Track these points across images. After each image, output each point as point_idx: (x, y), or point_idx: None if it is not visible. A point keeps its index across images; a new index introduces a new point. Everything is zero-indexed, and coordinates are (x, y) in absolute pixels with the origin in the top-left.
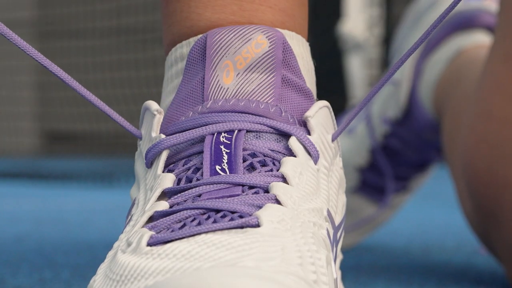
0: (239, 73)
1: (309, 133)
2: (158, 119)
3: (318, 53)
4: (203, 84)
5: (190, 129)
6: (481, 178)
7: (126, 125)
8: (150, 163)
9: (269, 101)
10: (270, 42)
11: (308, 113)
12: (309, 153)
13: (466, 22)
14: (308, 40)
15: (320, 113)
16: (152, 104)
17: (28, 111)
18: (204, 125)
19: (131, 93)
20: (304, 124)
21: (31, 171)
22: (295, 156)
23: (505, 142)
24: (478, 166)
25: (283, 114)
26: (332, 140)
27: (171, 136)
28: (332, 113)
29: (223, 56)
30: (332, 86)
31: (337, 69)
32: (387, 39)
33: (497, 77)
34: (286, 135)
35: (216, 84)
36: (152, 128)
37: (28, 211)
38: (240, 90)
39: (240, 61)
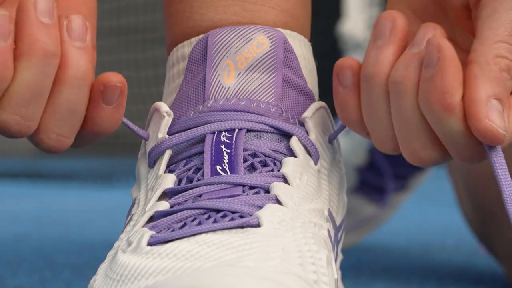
0: (240, 73)
1: (307, 134)
2: (167, 121)
3: (318, 53)
4: (204, 83)
5: (191, 128)
6: (480, 180)
7: (135, 128)
8: (152, 163)
9: (270, 101)
10: (271, 42)
11: (305, 114)
12: (309, 154)
13: None
14: (309, 40)
15: (317, 114)
16: (162, 106)
17: None
18: (205, 124)
19: (131, 93)
20: (303, 124)
21: (31, 171)
22: (296, 157)
23: None
24: (477, 168)
25: (283, 114)
26: (330, 142)
27: (173, 136)
28: (330, 114)
29: (224, 56)
30: (332, 86)
31: None
32: None
33: None
34: (286, 135)
35: (217, 84)
36: (160, 129)
37: (28, 211)
38: (241, 90)
39: (241, 61)
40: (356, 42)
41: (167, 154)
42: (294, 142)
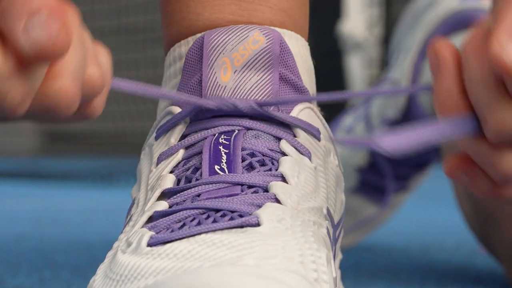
0: (236, 71)
1: (295, 135)
2: (182, 128)
3: (318, 53)
4: (201, 82)
5: (192, 133)
6: None
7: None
8: (158, 164)
9: (267, 100)
10: (267, 39)
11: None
12: (302, 154)
13: (463, 22)
14: (308, 40)
15: (302, 115)
16: (177, 111)
17: None
18: (205, 130)
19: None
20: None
21: (31, 171)
22: (292, 156)
23: None
24: None
25: (279, 112)
26: (319, 140)
27: (182, 141)
28: (318, 112)
29: (220, 53)
30: (332, 86)
31: (337, 69)
32: (387, 39)
33: None
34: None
35: (214, 82)
36: (173, 134)
37: (28, 211)
38: (238, 89)
39: (237, 58)
40: (356, 42)
41: (176, 159)
42: (284, 145)
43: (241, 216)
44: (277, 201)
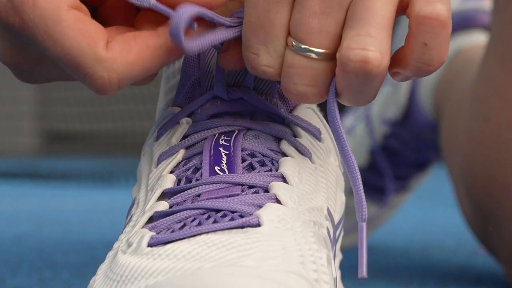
0: None
1: (295, 135)
2: (184, 128)
3: None
4: (200, 82)
5: (192, 134)
6: (480, 181)
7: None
8: (159, 163)
9: (267, 96)
10: None
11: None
12: (302, 154)
13: (464, 22)
14: None
15: (303, 115)
16: (178, 111)
17: (28, 111)
18: (206, 130)
19: (131, 93)
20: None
21: (31, 171)
22: (292, 157)
23: (503, 144)
24: (476, 169)
25: (281, 109)
26: (320, 140)
27: (183, 141)
28: (318, 112)
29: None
30: None
31: None
32: None
33: (494, 79)
34: None
35: (213, 81)
36: (174, 135)
37: (28, 211)
38: (237, 85)
39: None
40: None
41: (176, 159)
42: (284, 145)
43: (241, 216)
44: (278, 201)
